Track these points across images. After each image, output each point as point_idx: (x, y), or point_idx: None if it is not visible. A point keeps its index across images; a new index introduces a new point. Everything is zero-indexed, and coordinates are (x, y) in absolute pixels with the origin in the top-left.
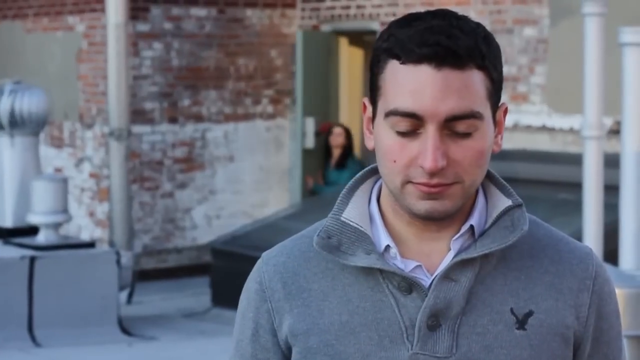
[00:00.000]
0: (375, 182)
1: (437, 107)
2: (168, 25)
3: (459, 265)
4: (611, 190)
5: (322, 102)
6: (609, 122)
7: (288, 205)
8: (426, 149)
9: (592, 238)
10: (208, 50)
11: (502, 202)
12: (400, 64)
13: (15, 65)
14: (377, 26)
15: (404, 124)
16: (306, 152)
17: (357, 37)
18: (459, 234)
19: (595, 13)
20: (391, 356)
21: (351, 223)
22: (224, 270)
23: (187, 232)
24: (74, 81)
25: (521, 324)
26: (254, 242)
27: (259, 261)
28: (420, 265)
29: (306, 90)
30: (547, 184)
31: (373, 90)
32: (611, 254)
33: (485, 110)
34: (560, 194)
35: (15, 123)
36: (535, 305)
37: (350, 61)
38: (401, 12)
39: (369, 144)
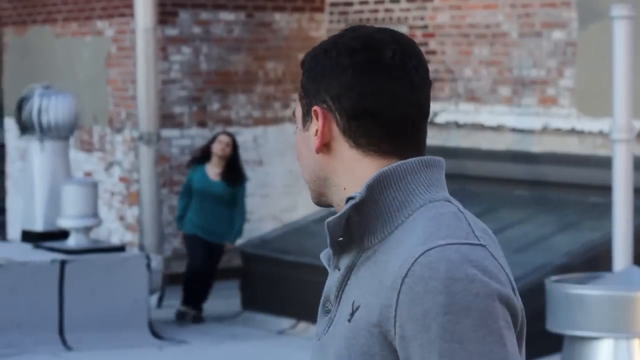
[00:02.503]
0: None
1: None
2: (197, 30)
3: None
4: None
5: None
6: (638, 124)
7: (317, 209)
8: None
9: (621, 241)
10: (237, 55)
11: None
12: None
13: (44, 70)
14: (405, 30)
15: None
16: None
17: None
18: None
19: (624, 16)
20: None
21: None
22: (254, 273)
23: None
24: (103, 86)
25: (351, 316)
26: (284, 245)
27: None
28: None
29: None
30: (577, 187)
31: None
32: None
33: (297, 110)
34: (590, 197)
35: (45, 128)
36: (364, 300)
37: None
38: (429, 15)
39: None
